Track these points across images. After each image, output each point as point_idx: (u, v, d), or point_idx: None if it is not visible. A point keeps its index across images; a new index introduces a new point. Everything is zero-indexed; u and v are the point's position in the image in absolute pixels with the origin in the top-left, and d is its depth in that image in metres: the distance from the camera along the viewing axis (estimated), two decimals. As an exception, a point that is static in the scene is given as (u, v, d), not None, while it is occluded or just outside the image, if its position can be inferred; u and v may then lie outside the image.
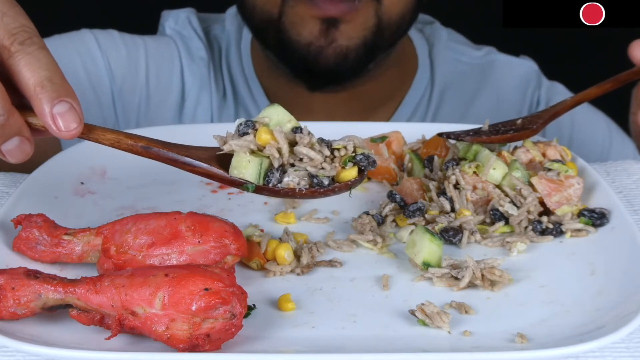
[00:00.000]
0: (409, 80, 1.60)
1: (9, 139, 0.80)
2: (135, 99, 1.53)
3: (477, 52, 1.67)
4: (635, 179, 1.12)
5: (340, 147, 0.90)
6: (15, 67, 0.80)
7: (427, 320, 0.82)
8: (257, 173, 0.88)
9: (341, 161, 0.90)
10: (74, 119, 0.80)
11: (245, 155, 0.88)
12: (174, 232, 0.87)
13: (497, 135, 1.05)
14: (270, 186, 0.89)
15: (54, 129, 0.80)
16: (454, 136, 1.06)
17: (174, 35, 1.58)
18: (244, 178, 0.88)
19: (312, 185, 0.89)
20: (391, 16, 1.40)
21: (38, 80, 0.79)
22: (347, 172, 0.90)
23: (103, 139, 0.87)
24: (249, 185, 0.88)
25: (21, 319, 0.80)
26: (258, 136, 0.89)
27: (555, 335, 0.80)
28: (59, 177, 1.07)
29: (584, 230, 0.97)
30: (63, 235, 0.90)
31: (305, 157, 0.89)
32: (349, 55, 1.40)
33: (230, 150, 0.89)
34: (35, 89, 0.79)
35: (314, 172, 0.89)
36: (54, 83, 0.80)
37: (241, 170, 0.88)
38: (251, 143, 0.89)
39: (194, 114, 1.54)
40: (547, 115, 1.09)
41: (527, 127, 1.07)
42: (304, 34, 1.38)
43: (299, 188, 0.88)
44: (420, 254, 0.91)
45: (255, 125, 0.90)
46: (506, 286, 0.89)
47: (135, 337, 0.80)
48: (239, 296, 0.78)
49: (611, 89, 1.11)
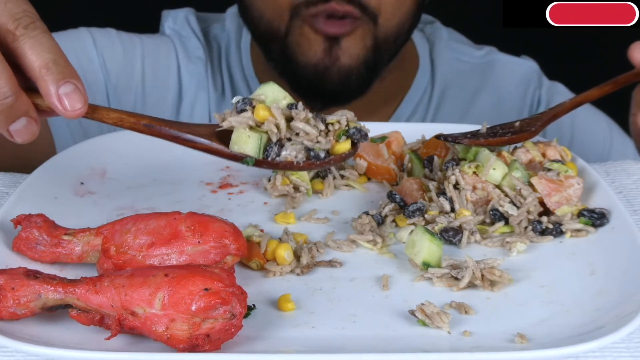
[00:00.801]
0: (410, 79, 1.60)
1: (17, 119, 0.83)
2: (131, 98, 1.53)
3: (477, 51, 1.67)
4: (635, 179, 1.12)
5: (334, 121, 0.94)
6: (20, 50, 0.82)
7: (427, 320, 0.82)
8: (257, 147, 0.92)
9: (335, 135, 0.94)
10: (79, 99, 0.83)
11: (245, 130, 0.92)
12: (174, 232, 0.87)
13: (495, 138, 1.05)
14: (269, 160, 0.92)
15: (60, 109, 0.83)
16: (452, 139, 1.05)
17: (173, 35, 1.58)
18: (244, 152, 0.92)
19: (308, 158, 0.93)
20: (387, 33, 1.42)
21: (43, 62, 0.82)
22: (341, 145, 0.94)
23: (107, 118, 0.90)
24: (249, 159, 0.92)
25: (21, 319, 0.80)
26: (256, 113, 0.92)
27: (555, 335, 0.80)
28: (59, 177, 1.07)
29: (584, 230, 0.97)
30: (63, 236, 0.90)
31: (301, 131, 0.93)
32: (352, 74, 1.42)
33: (230, 126, 0.93)
34: (41, 70, 0.82)
35: (310, 145, 0.93)
36: (58, 65, 0.82)
37: (241, 145, 0.92)
38: (250, 119, 0.93)
39: (191, 113, 1.55)
40: (546, 118, 1.08)
41: (526, 129, 1.06)
42: (309, 54, 1.40)
43: (297, 161, 0.93)
44: (420, 254, 0.91)
45: (252, 102, 0.94)
46: (506, 286, 0.89)
47: (135, 337, 0.80)
48: (239, 296, 0.78)
49: (611, 91, 1.11)
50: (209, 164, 1.15)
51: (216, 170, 1.14)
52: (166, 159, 1.15)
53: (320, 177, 1.11)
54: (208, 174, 1.13)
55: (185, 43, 1.57)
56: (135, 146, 1.15)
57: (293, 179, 1.08)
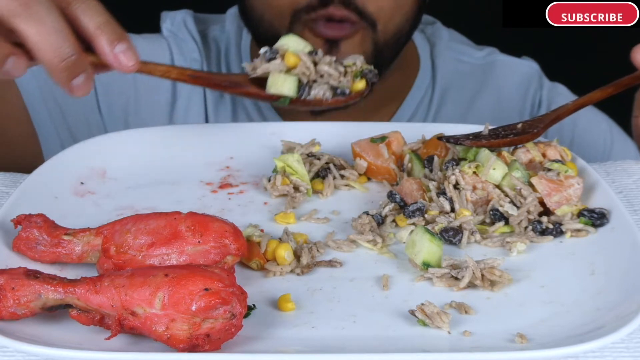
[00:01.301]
0: (411, 80, 1.60)
1: (78, 75, 0.93)
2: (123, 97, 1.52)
3: (478, 52, 1.67)
4: (635, 179, 1.12)
5: (351, 64, 1.11)
6: (74, 14, 0.92)
7: (427, 320, 0.82)
8: (294, 88, 1.07)
9: (352, 75, 1.10)
10: (132, 56, 0.95)
11: (280, 74, 1.08)
12: (174, 232, 0.87)
13: (497, 140, 1.05)
14: (303, 99, 1.08)
15: (116, 65, 0.95)
16: (454, 140, 1.05)
17: (169, 36, 1.58)
18: (282, 94, 1.07)
19: (334, 95, 1.08)
20: (387, 37, 1.42)
21: (96, 24, 0.92)
22: (357, 84, 1.10)
23: (155, 70, 1.05)
24: (284, 99, 1.07)
25: (21, 319, 0.80)
26: (287, 59, 1.08)
27: (555, 335, 0.80)
28: (59, 177, 1.07)
29: (584, 230, 0.97)
30: (63, 236, 0.90)
31: (326, 73, 1.09)
32: None
33: (264, 73, 1.08)
34: (95, 31, 0.93)
35: (335, 84, 1.09)
36: (111, 25, 0.94)
37: (278, 87, 1.08)
38: (281, 65, 1.08)
39: (186, 114, 1.54)
40: (548, 120, 1.09)
41: (528, 131, 1.06)
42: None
43: (325, 98, 1.08)
44: (420, 254, 0.91)
45: (278, 51, 1.09)
46: (506, 286, 0.89)
47: (135, 337, 0.80)
48: (239, 296, 0.78)
49: (613, 93, 1.11)
50: (209, 164, 1.15)
51: (216, 170, 1.14)
52: (166, 159, 1.15)
53: (320, 177, 1.11)
54: (208, 174, 1.13)
55: (181, 44, 1.57)
56: (135, 146, 1.16)
57: (293, 179, 1.08)
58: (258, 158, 1.15)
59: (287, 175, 1.08)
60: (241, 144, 1.18)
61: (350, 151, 1.13)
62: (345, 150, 1.15)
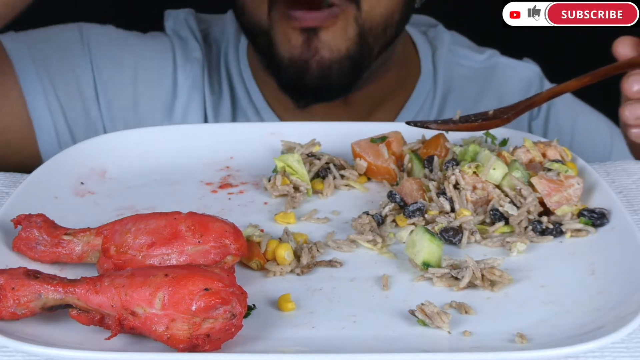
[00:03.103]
0: (411, 83, 1.60)
1: None
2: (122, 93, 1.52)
3: (479, 55, 1.66)
4: (635, 179, 1.12)
5: None
6: None
7: (427, 320, 0.82)
8: None
9: None
10: None
11: None
12: (174, 232, 0.87)
13: (465, 124, 1.05)
14: None
15: None
16: (421, 124, 1.05)
17: (172, 35, 1.58)
18: None
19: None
20: (373, 22, 1.38)
21: None
22: None
23: None
24: None
25: (21, 319, 0.80)
26: None
27: (555, 335, 0.80)
28: (59, 177, 1.07)
29: (584, 230, 0.97)
30: (63, 236, 0.90)
31: None
32: (333, 68, 1.38)
33: None
34: None
35: None
36: None
37: None
38: None
39: (185, 113, 1.54)
40: (521, 106, 1.09)
41: (499, 116, 1.07)
42: (289, 49, 1.38)
43: None
44: (420, 254, 0.91)
45: None
46: (506, 286, 0.89)
47: (135, 337, 0.80)
48: (239, 296, 0.78)
49: (590, 83, 1.10)
50: (209, 164, 1.15)
51: (216, 170, 1.14)
52: (166, 159, 1.15)
53: (321, 177, 1.11)
54: (208, 174, 1.13)
55: (183, 43, 1.57)
56: (135, 146, 1.16)
57: (293, 179, 1.08)
58: (258, 158, 1.15)
59: (287, 175, 1.08)
60: (241, 144, 1.18)
61: (350, 151, 1.13)
62: (345, 150, 1.14)
